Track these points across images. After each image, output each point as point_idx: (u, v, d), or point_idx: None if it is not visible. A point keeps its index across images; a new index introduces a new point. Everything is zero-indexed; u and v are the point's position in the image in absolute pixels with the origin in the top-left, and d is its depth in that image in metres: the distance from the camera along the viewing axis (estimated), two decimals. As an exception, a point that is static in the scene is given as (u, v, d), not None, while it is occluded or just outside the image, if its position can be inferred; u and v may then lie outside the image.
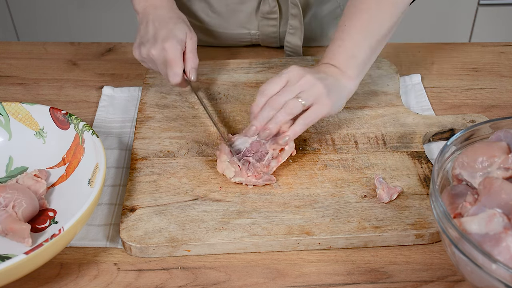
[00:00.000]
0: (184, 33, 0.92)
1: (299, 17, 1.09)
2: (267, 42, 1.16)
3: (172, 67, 0.90)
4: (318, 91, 0.82)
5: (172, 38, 0.90)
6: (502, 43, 1.17)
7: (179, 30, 0.92)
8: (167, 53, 0.89)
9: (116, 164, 0.90)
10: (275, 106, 0.82)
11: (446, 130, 0.93)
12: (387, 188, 0.80)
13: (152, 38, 0.91)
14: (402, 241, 0.77)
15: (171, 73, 0.90)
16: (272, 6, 1.09)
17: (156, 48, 0.90)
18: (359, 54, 0.87)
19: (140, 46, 0.92)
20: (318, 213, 0.79)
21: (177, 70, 0.90)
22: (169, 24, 0.92)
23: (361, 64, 0.88)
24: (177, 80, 0.91)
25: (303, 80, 0.83)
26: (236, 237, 0.76)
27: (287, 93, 0.82)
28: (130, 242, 0.75)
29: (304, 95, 0.82)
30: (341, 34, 0.88)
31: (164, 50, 0.89)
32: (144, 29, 0.93)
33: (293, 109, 0.82)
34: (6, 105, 0.87)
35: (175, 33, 0.91)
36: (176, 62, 0.90)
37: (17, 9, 2.26)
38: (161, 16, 0.94)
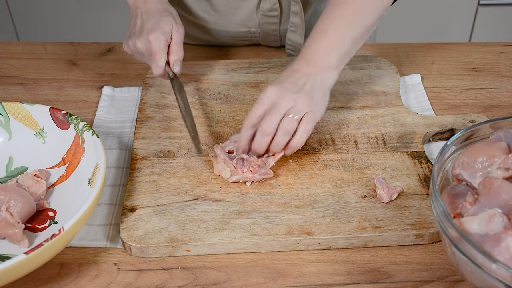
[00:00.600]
0: (170, 25, 0.92)
1: (300, 14, 1.09)
2: (267, 40, 1.16)
3: (156, 59, 0.90)
4: (304, 103, 0.82)
5: (157, 30, 0.90)
6: (502, 43, 1.17)
7: (165, 22, 0.92)
8: (151, 44, 0.90)
9: (116, 164, 0.90)
10: (267, 131, 0.82)
11: (446, 130, 0.93)
12: (387, 188, 0.80)
13: (139, 31, 0.92)
14: (402, 241, 0.77)
15: (154, 65, 0.91)
16: (273, 3, 1.09)
17: (141, 40, 0.90)
18: (341, 44, 0.87)
19: (128, 38, 0.93)
20: (318, 213, 0.79)
21: (160, 62, 0.91)
22: (155, 16, 0.93)
23: (342, 55, 0.87)
24: (159, 72, 0.91)
25: (285, 100, 0.82)
26: (236, 237, 0.76)
27: (276, 115, 0.82)
28: (130, 242, 0.75)
29: (293, 110, 0.82)
30: (323, 26, 0.88)
31: (149, 41, 0.90)
32: (133, 22, 0.94)
33: (289, 128, 0.82)
34: (6, 105, 0.87)
35: (161, 24, 0.91)
36: (159, 54, 0.90)
37: (17, 9, 2.26)
38: (149, 9, 0.94)
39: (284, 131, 0.82)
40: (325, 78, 0.86)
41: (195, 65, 1.07)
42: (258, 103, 0.83)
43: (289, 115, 0.82)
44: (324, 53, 0.86)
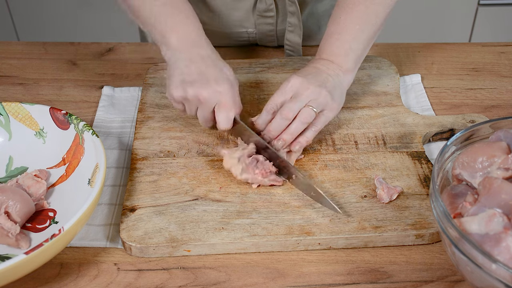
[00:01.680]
0: (233, 75, 0.87)
1: (297, 14, 1.09)
2: (264, 41, 1.16)
3: (227, 112, 0.84)
4: (325, 98, 0.84)
5: (226, 80, 0.84)
6: (502, 43, 1.17)
7: (229, 72, 0.87)
8: (221, 96, 0.83)
9: (116, 164, 0.90)
10: (288, 116, 0.83)
11: (446, 130, 0.93)
12: (387, 188, 0.80)
13: (201, 78, 0.84)
14: (402, 241, 0.77)
15: (225, 117, 0.84)
16: (269, 4, 1.09)
17: (209, 90, 0.83)
18: (357, 47, 0.89)
19: (185, 85, 0.83)
20: (318, 213, 0.79)
21: (232, 114, 0.84)
22: (218, 64, 0.86)
23: (358, 57, 0.90)
24: (229, 125, 0.85)
25: (309, 91, 0.84)
26: (236, 237, 0.76)
27: (298, 103, 0.84)
28: (130, 242, 0.75)
29: (313, 103, 0.84)
30: (337, 27, 0.89)
31: (219, 93, 0.83)
32: (185, 67, 0.85)
33: (307, 118, 0.84)
34: (6, 105, 0.87)
35: (227, 75, 0.86)
36: (232, 107, 0.84)
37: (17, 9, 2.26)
38: (207, 55, 0.87)
39: (303, 120, 0.84)
40: (343, 79, 0.89)
41: None
42: (281, 90, 0.85)
43: (309, 106, 0.84)
44: (343, 56, 0.89)
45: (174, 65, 0.86)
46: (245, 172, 0.82)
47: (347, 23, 0.88)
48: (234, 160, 0.83)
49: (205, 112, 0.85)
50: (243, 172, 0.82)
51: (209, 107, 0.84)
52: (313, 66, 0.89)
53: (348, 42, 0.88)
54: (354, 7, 0.88)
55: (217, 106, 0.84)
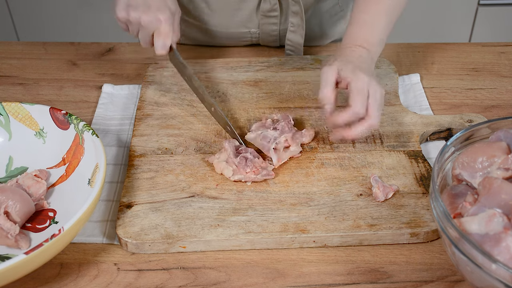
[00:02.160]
0: (176, 6, 0.93)
1: (301, 14, 1.09)
2: (267, 41, 1.16)
3: (164, 39, 0.90)
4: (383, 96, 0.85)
5: (166, 9, 0.90)
6: (502, 43, 1.17)
7: (172, 3, 0.92)
8: (160, 23, 0.89)
9: (114, 161, 0.90)
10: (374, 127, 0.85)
11: (444, 130, 0.93)
12: (383, 186, 0.80)
13: (144, 4, 0.90)
14: (397, 240, 0.77)
15: (161, 44, 0.90)
16: (273, 4, 1.09)
17: (149, 16, 0.89)
18: (384, 38, 0.92)
19: (129, 8, 0.90)
20: (314, 211, 0.79)
21: (168, 41, 0.90)
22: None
23: (383, 47, 0.92)
24: (164, 51, 0.91)
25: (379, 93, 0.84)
26: (232, 234, 0.76)
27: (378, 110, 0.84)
28: (126, 238, 0.76)
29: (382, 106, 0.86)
30: (369, 17, 0.92)
31: (158, 20, 0.89)
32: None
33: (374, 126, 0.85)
34: (6, 105, 0.87)
35: (168, 4, 0.91)
36: (168, 34, 0.90)
37: (17, 9, 2.26)
38: None
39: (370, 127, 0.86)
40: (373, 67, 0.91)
41: (194, 64, 1.07)
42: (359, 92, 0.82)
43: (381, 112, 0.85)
44: (376, 44, 0.91)
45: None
46: (237, 173, 0.82)
47: (377, 14, 0.92)
48: (223, 163, 0.83)
49: (145, 35, 0.91)
50: (235, 174, 0.82)
51: (148, 31, 0.90)
52: (358, 54, 0.89)
53: (379, 33, 0.91)
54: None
55: (155, 33, 0.90)
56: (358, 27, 0.92)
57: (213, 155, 0.87)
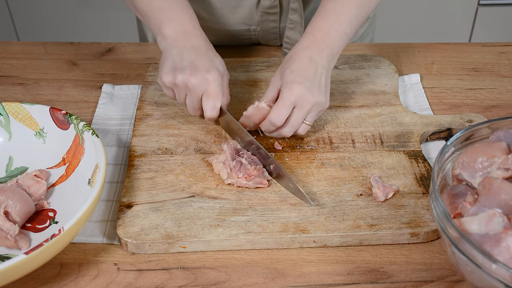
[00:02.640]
0: (224, 67, 0.89)
1: (300, 11, 1.09)
2: (267, 38, 1.16)
3: (213, 100, 0.85)
4: (323, 106, 0.87)
5: (215, 70, 0.86)
6: (502, 43, 1.17)
7: (220, 63, 0.88)
8: (209, 84, 0.85)
9: (114, 161, 0.90)
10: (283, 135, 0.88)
11: (444, 130, 0.93)
12: (383, 187, 0.80)
13: (191, 66, 0.85)
14: (397, 240, 0.77)
15: (211, 105, 0.85)
16: (273, 0, 1.09)
17: (197, 78, 0.84)
18: (350, 32, 0.89)
19: (175, 72, 0.86)
20: (314, 211, 0.79)
21: (218, 103, 0.86)
22: (208, 54, 0.88)
23: (346, 42, 0.90)
24: (215, 113, 0.86)
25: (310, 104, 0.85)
26: (232, 234, 0.76)
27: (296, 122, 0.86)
28: (126, 238, 0.76)
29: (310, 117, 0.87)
30: (335, 6, 0.89)
31: (207, 81, 0.85)
32: (178, 55, 0.87)
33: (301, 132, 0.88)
34: (6, 105, 0.87)
35: (217, 65, 0.87)
36: (218, 95, 0.85)
37: (17, 9, 2.26)
38: (199, 45, 0.89)
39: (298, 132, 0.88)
40: (332, 64, 0.89)
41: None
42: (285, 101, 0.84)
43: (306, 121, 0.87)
44: (338, 39, 0.88)
45: (167, 53, 0.89)
46: (230, 177, 0.82)
47: (346, 5, 0.88)
48: (220, 164, 0.84)
49: (193, 99, 0.87)
50: (228, 178, 0.82)
51: (197, 94, 0.86)
52: (308, 57, 0.87)
53: (344, 26, 0.88)
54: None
55: (204, 94, 0.86)
56: (321, 15, 0.88)
57: (213, 155, 0.87)
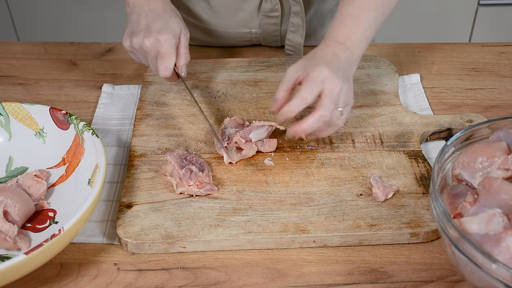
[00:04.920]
0: (180, 28, 0.91)
1: (301, 14, 1.09)
2: (268, 41, 1.16)
3: (164, 60, 0.88)
4: (350, 95, 0.84)
5: (168, 31, 0.88)
6: (502, 43, 1.17)
7: (175, 24, 0.90)
8: (161, 45, 0.88)
9: (114, 161, 0.90)
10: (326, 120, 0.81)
11: (444, 130, 0.93)
12: (383, 187, 0.80)
13: (146, 29, 0.89)
14: (397, 240, 0.77)
15: (163, 66, 0.88)
16: (274, 4, 1.09)
17: (150, 40, 0.88)
18: (369, 35, 0.88)
19: (132, 36, 0.90)
20: (314, 211, 0.79)
21: (169, 63, 0.88)
22: (163, 16, 0.91)
23: (367, 45, 0.88)
24: (167, 73, 0.89)
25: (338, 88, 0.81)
26: (232, 234, 0.76)
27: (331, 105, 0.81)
28: (126, 238, 0.76)
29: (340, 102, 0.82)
30: (353, 11, 0.87)
31: (159, 42, 0.88)
32: (136, 19, 0.91)
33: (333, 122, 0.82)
34: (6, 105, 0.87)
35: (171, 26, 0.89)
36: (169, 56, 0.88)
37: (17, 9, 2.26)
38: (156, 8, 0.92)
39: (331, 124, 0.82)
40: (354, 67, 0.87)
41: (194, 64, 1.07)
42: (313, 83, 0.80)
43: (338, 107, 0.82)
44: (358, 42, 0.87)
45: (128, 19, 0.93)
46: (180, 186, 0.81)
47: (364, 8, 0.87)
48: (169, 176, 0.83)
49: (151, 61, 0.90)
50: (178, 187, 0.81)
51: (152, 55, 0.89)
52: (331, 52, 0.85)
53: (363, 28, 0.87)
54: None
55: (158, 56, 0.88)
56: (339, 21, 0.88)
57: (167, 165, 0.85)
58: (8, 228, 0.74)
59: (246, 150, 0.87)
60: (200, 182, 0.81)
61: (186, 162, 0.84)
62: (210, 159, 0.87)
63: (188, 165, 0.83)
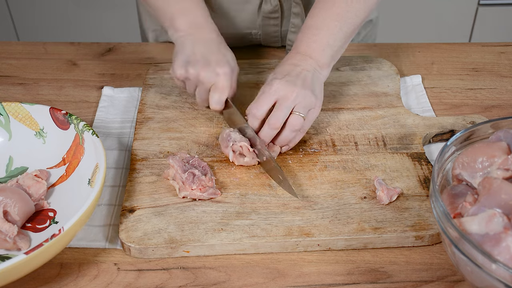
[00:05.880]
0: (234, 61, 0.91)
1: (302, 15, 1.09)
2: (268, 41, 1.17)
3: (220, 93, 0.88)
4: (310, 99, 0.85)
5: (226, 64, 0.88)
6: (502, 43, 1.17)
7: (231, 57, 0.91)
8: (219, 78, 0.88)
9: (115, 165, 0.90)
10: (276, 126, 0.84)
11: (446, 132, 0.93)
12: (387, 189, 0.80)
13: (203, 60, 0.88)
14: (402, 243, 0.77)
15: (217, 98, 0.88)
16: (274, 5, 1.09)
17: (208, 71, 0.87)
18: (333, 43, 0.89)
19: (187, 65, 0.89)
20: (318, 215, 0.79)
21: (224, 97, 0.88)
22: (220, 48, 0.91)
23: (334, 53, 0.90)
24: (219, 106, 0.89)
25: (293, 94, 0.84)
26: (235, 238, 0.76)
27: (285, 110, 0.84)
28: (129, 243, 0.75)
29: (299, 108, 0.84)
30: (316, 22, 0.89)
31: (218, 75, 0.88)
32: (190, 48, 0.90)
33: (296, 125, 0.84)
34: (6, 105, 0.87)
35: (228, 59, 0.90)
36: (225, 90, 0.88)
37: (17, 9, 2.26)
38: (211, 39, 0.92)
39: (292, 128, 0.84)
40: (321, 74, 0.89)
41: None
42: (265, 95, 0.85)
43: (296, 111, 0.84)
44: (320, 50, 0.89)
45: (180, 46, 0.91)
46: (183, 190, 0.81)
47: (326, 19, 0.89)
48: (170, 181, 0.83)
49: (202, 91, 0.90)
50: (181, 191, 0.81)
51: (206, 87, 0.89)
52: (290, 63, 0.88)
53: (326, 37, 0.89)
54: (335, 3, 0.89)
55: (212, 87, 0.88)
56: (302, 33, 0.90)
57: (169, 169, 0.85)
58: (8, 228, 0.74)
59: (248, 158, 0.86)
60: (203, 186, 0.81)
61: (189, 166, 0.84)
62: (212, 162, 0.87)
63: (190, 168, 0.82)
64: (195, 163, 0.85)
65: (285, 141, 0.86)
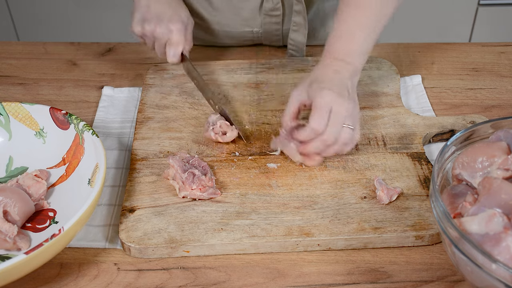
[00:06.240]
0: (187, 16, 0.98)
1: (303, 13, 1.09)
2: (269, 40, 1.16)
3: (174, 47, 0.96)
4: (356, 111, 0.84)
5: (178, 20, 0.96)
6: (502, 43, 1.17)
7: (184, 12, 0.98)
8: (172, 34, 0.95)
9: (115, 165, 0.90)
10: (330, 142, 0.82)
11: (447, 131, 0.93)
12: (387, 189, 0.80)
13: (156, 16, 0.95)
14: (402, 243, 0.77)
15: (172, 52, 0.96)
16: (275, 2, 1.09)
17: (162, 27, 0.95)
18: (367, 48, 0.90)
19: (144, 22, 0.96)
20: (318, 214, 0.79)
21: (178, 51, 0.96)
22: (172, 4, 0.98)
23: (367, 57, 0.90)
24: (175, 59, 0.96)
25: (343, 108, 0.82)
26: (235, 238, 0.76)
27: (337, 126, 0.82)
28: (129, 243, 0.75)
29: (349, 120, 0.83)
30: (350, 27, 0.89)
31: (170, 30, 0.95)
32: (145, 6, 0.97)
33: (347, 139, 0.83)
34: (6, 105, 0.87)
35: (180, 15, 0.97)
36: (179, 44, 0.96)
37: (17, 9, 2.26)
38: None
39: (344, 141, 0.83)
40: (356, 80, 0.88)
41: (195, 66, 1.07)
42: (321, 109, 0.81)
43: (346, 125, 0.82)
44: (357, 55, 0.88)
45: (137, 5, 0.98)
46: (183, 190, 0.81)
47: (361, 23, 0.89)
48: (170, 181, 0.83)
49: (159, 46, 0.98)
50: (181, 190, 0.81)
51: (162, 42, 0.97)
52: (333, 70, 0.86)
53: (361, 43, 0.88)
54: (367, 7, 0.89)
55: (168, 42, 0.96)
56: (336, 38, 0.90)
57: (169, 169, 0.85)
58: (8, 228, 0.74)
59: (229, 133, 0.89)
60: (203, 185, 0.81)
61: (189, 166, 0.84)
62: (212, 162, 0.87)
63: (190, 168, 0.82)
64: (195, 163, 0.85)
65: (333, 153, 0.84)
